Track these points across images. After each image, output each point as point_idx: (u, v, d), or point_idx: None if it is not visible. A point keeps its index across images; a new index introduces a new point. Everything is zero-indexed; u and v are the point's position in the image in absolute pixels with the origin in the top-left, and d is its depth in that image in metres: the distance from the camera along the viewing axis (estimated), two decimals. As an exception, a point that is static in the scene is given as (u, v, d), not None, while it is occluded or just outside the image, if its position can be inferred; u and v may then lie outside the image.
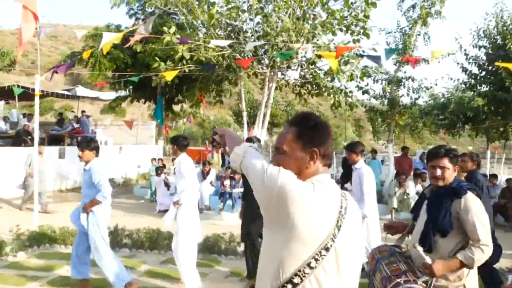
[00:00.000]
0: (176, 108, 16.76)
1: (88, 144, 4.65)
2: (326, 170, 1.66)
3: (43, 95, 15.13)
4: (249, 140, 5.47)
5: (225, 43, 8.74)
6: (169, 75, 8.38)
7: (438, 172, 2.71)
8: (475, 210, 2.56)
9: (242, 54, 9.79)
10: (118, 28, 13.58)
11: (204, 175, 10.64)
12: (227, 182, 9.63)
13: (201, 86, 11.98)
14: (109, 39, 6.77)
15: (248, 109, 19.13)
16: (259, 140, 5.91)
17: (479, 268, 2.70)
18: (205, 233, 6.82)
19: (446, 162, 2.71)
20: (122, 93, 15.69)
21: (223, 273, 5.59)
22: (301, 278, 1.50)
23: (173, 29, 9.02)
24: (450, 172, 2.72)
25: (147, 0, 10.05)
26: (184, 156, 5.04)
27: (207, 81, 11.84)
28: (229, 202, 9.38)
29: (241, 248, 6.56)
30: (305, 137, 1.62)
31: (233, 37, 10.24)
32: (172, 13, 12.33)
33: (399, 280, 2.46)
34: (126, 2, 12.25)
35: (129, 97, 15.57)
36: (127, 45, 7.47)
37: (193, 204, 5.06)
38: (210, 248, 6.53)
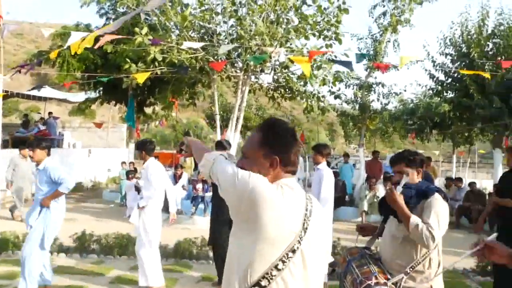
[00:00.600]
0: (148, 110, 16.49)
1: (39, 143, 4.60)
2: (286, 175, 1.66)
3: (7, 96, 14.58)
4: (219, 143, 5.44)
5: (198, 45, 8.68)
6: (141, 77, 8.23)
7: (397, 177, 2.88)
8: (437, 207, 2.63)
9: (216, 57, 9.74)
10: (87, 28, 13.25)
11: (176, 178, 10.51)
12: (199, 186, 9.54)
13: (173, 88, 11.85)
14: (77, 39, 6.57)
15: (221, 112, 19.04)
16: (229, 144, 5.87)
17: None
18: (177, 238, 6.74)
19: (403, 167, 2.84)
20: (92, 94, 15.31)
21: (194, 278, 5.52)
22: (268, 281, 1.52)
23: (145, 30, 8.87)
24: (412, 176, 2.83)
25: (119, -1, 9.86)
26: (152, 161, 4.99)
27: (180, 84, 11.73)
28: (201, 206, 9.29)
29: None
30: (268, 144, 1.64)
31: (206, 39, 10.18)
32: (144, 13, 12.13)
33: (369, 282, 2.50)
34: (96, 1, 11.98)
35: (99, 99, 15.21)
36: (97, 45, 7.28)
37: (157, 210, 5.10)
38: (181, 253, 6.46)
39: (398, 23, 11.28)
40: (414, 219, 2.56)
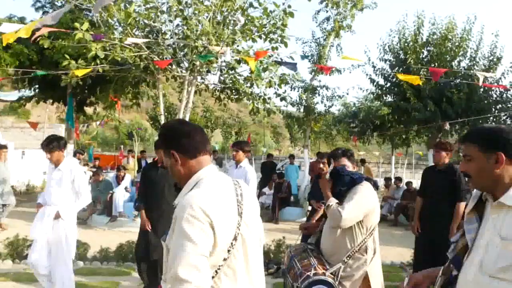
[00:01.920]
0: (89, 110, 15.81)
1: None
2: (202, 161, 1.70)
3: None
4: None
5: (142, 41, 8.46)
6: (80, 72, 7.88)
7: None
8: (358, 194, 2.85)
9: (161, 56, 9.53)
10: (22, 21, 12.47)
11: (118, 180, 10.15)
12: (143, 188, 9.24)
13: (116, 87, 11.44)
14: (10, 30, 6.15)
15: (166, 113, 18.69)
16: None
17: None
18: (119, 241, 6.52)
19: (346, 161, 3.09)
20: (26, 92, 14.41)
21: (137, 281, 5.35)
22: (216, 271, 1.55)
23: (86, 25, 8.49)
24: (350, 169, 3.07)
25: (57, -8, 9.38)
26: (72, 161, 4.58)
27: (123, 83, 11.34)
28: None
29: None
30: (164, 143, 1.76)
31: (151, 38, 9.94)
32: (85, 8, 11.63)
33: (308, 273, 2.60)
34: (32, -7, 11.33)
35: (35, 98, 14.34)
36: (33, 38, 6.84)
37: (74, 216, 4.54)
38: (124, 257, 6.26)
39: (340, 28, 11.68)
40: (331, 200, 2.83)
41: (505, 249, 1.60)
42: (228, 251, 1.57)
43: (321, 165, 5.55)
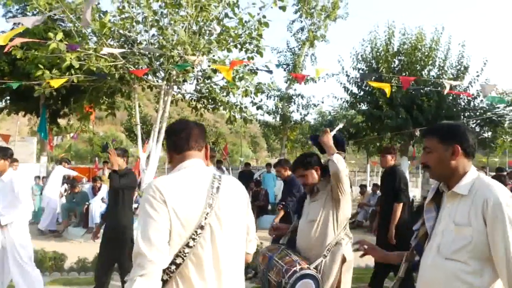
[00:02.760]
0: (63, 122, 15.53)
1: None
2: (188, 155, 1.86)
3: None
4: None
5: (119, 51, 8.43)
6: (56, 83, 7.79)
7: (302, 180, 3.15)
8: None
9: (136, 66, 9.52)
10: (-7, 32, 12.23)
11: (94, 191, 10.01)
12: (119, 198, 9.14)
13: (91, 98, 11.31)
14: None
15: (141, 124, 18.56)
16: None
17: None
18: (96, 251, 6.41)
19: (301, 171, 3.12)
20: (-3, 104, 14.08)
21: (118, 286, 5.30)
22: (182, 258, 1.62)
23: (60, 35, 8.43)
24: (311, 176, 3.10)
25: (29, 3, 9.28)
26: (13, 172, 4.47)
27: (98, 93, 11.24)
28: (122, 218, 8.89)
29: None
30: (167, 141, 1.97)
31: (126, 48, 9.93)
32: (58, 19, 11.53)
33: (294, 268, 2.66)
34: (3, 3, 11.15)
35: (6, 109, 14.02)
36: (6, 50, 6.75)
37: (26, 225, 4.52)
38: (86, 268, 6.17)
39: (314, 38, 11.94)
40: (336, 155, 2.87)
41: (458, 233, 1.78)
42: (193, 239, 1.63)
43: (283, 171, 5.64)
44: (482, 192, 1.77)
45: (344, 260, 2.92)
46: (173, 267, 1.61)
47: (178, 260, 1.62)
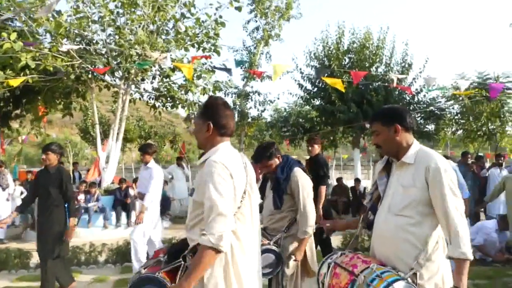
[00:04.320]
0: (14, 124, 15.01)
1: None
2: (224, 139, 2.20)
3: None
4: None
5: (78, 47, 8.42)
6: (15, 82, 7.71)
7: (267, 170, 3.51)
8: (299, 181, 3.37)
9: (94, 66, 9.52)
10: None
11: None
12: (81, 197, 9.17)
13: (46, 98, 11.10)
14: None
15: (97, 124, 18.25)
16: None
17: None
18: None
19: (266, 161, 3.46)
20: None
21: (86, 281, 5.46)
22: (234, 215, 2.07)
23: (13, 35, 8.31)
24: (275, 164, 3.47)
25: (-21, 2, 9.05)
26: None
27: (53, 94, 11.06)
28: (84, 216, 8.93)
29: (102, 257, 6.46)
30: (204, 114, 2.21)
31: (82, 48, 9.88)
32: (8, 18, 11.22)
33: None
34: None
35: (-47, 112, 13.40)
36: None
37: None
38: (69, 261, 6.24)
39: (269, 37, 12.39)
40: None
41: (405, 193, 2.20)
42: (241, 201, 2.09)
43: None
44: (425, 160, 2.20)
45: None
46: None
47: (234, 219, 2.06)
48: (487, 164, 11.56)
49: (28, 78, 8.84)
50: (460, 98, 13.65)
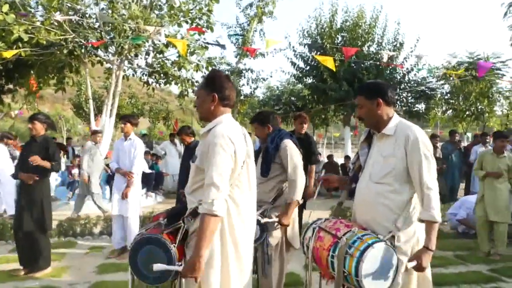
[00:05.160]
0: (7, 99, 14.94)
1: None
2: (227, 110, 2.31)
3: None
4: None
5: (73, 18, 8.40)
6: (9, 53, 7.71)
7: (256, 133, 3.71)
8: (288, 152, 3.48)
9: (87, 40, 9.50)
10: None
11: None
12: (75, 171, 9.31)
13: (39, 72, 11.08)
14: None
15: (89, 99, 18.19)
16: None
17: None
18: (54, 223, 6.58)
19: (256, 125, 3.68)
20: None
21: (82, 251, 5.65)
22: (231, 184, 2.20)
23: (6, 7, 8.28)
24: (261, 132, 3.66)
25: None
26: None
27: (46, 68, 11.04)
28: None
29: (97, 228, 6.64)
30: (208, 85, 2.30)
31: (75, 22, 9.83)
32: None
33: None
34: None
35: None
36: None
37: None
38: (64, 232, 6.45)
39: (263, 14, 12.38)
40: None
41: (385, 163, 2.37)
42: (242, 167, 2.23)
43: None
44: (404, 131, 2.36)
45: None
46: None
47: (230, 187, 2.19)
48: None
49: (21, 51, 8.82)
50: (451, 78, 13.83)
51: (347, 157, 12.71)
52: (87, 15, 9.98)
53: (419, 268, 2.23)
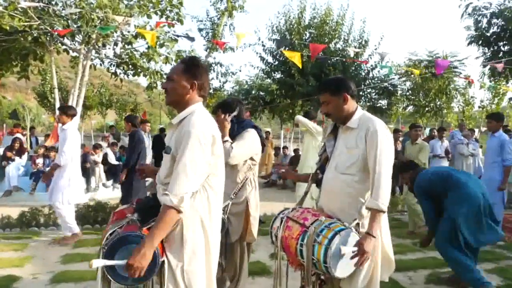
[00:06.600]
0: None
1: None
2: (200, 100, 2.22)
3: None
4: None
5: (36, 4, 8.21)
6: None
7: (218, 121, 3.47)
8: (245, 137, 3.34)
9: (53, 28, 9.32)
10: None
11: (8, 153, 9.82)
12: (39, 161, 9.17)
13: (1, 59, 10.76)
14: None
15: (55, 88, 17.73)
16: None
17: None
18: (17, 213, 6.50)
19: (218, 111, 3.45)
20: None
21: (46, 241, 5.61)
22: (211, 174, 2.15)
23: (-34, -8, 8.02)
24: (223, 118, 3.52)
25: None
26: None
27: (10, 55, 10.74)
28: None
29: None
30: (189, 71, 2.17)
31: (40, 8, 9.62)
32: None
33: None
34: None
35: None
36: None
37: None
38: (27, 223, 6.38)
39: (233, 8, 12.48)
40: (226, 138, 3.25)
41: (349, 154, 2.49)
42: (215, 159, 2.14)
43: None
44: (366, 124, 2.47)
45: (247, 204, 3.29)
46: (206, 179, 2.10)
47: (209, 176, 2.11)
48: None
49: (-16, 38, 8.59)
50: (412, 75, 14.41)
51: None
52: (53, 2, 9.79)
53: (362, 252, 2.31)
